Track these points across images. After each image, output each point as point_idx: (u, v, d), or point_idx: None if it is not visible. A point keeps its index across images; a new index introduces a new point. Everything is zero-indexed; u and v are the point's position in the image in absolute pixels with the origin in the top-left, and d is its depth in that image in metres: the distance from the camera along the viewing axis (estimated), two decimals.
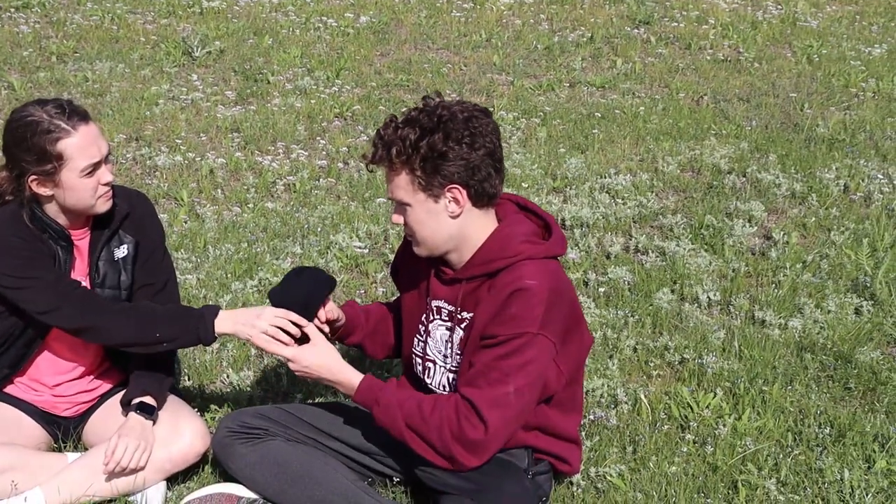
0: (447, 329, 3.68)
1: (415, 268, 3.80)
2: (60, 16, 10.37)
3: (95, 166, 3.78)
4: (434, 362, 3.76)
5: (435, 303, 3.70)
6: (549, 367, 3.46)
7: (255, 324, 3.77)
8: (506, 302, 3.43)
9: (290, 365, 3.68)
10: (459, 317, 3.62)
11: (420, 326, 3.80)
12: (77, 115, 3.78)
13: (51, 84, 8.56)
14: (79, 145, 3.75)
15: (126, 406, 3.97)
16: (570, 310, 3.55)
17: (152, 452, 3.89)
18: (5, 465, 3.84)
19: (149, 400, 3.95)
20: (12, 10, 10.50)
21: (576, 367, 3.65)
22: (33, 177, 3.78)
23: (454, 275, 3.61)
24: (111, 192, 3.90)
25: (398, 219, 3.57)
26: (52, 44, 9.52)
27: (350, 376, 3.65)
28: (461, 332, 3.61)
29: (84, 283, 4.00)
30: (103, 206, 3.88)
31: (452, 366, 3.68)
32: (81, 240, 4.01)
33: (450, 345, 3.68)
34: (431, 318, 3.73)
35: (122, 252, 4.05)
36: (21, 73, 8.84)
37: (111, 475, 3.85)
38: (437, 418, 3.42)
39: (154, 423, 3.94)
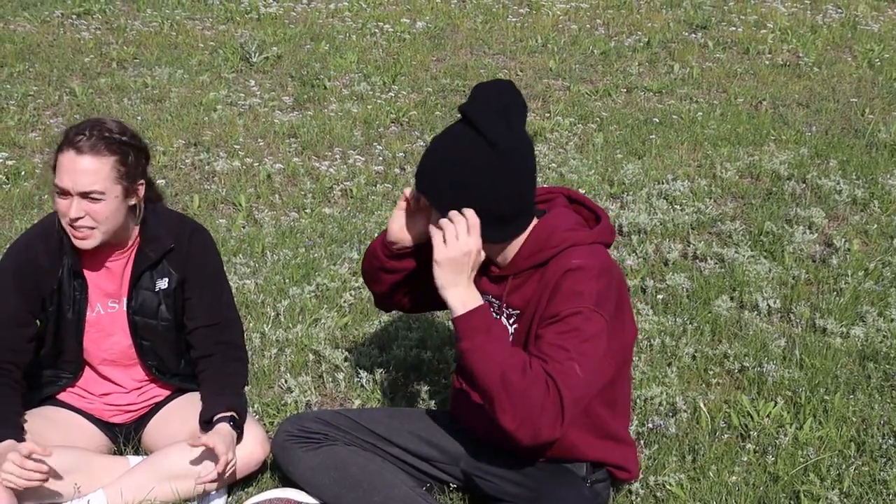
0: None
1: None
2: (121, 22, 10.46)
3: (62, 192, 3.77)
4: None
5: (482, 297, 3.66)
6: (606, 347, 3.39)
7: None
8: (559, 282, 3.39)
9: (447, 236, 3.39)
10: (507, 311, 3.60)
11: None
12: (84, 143, 3.73)
13: (111, 90, 8.64)
14: (60, 163, 3.75)
15: (207, 423, 3.98)
16: (619, 295, 3.49)
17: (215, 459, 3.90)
18: (68, 468, 3.87)
19: (233, 415, 3.97)
20: (74, 16, 10.61)
21: (622, 355, 3.58)
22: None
23: (500, 272, 3.59)
24: (81, 232, 3.82)
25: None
26: (113, 50, 9.62)
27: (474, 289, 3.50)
28: (507, 326, 3.60)
29: (119, 307, 4.06)
30: (74, 239, 3.85)
31: None
32: (114, 262, 4.03)
33: None
34: None
35: (163, 284, 4.06)
36: (82, 79, 8.93)
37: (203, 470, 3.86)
38: (538, 382, 3.24)
39: (239, 441, 3.96)
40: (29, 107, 8.29)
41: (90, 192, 3.75)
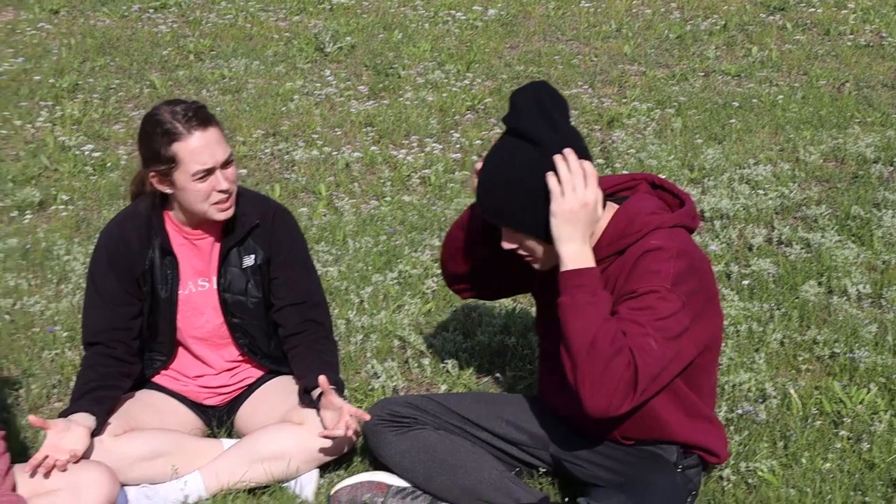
0: None
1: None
2: (196, 15, 10.55)
3: (208, 172, 3.84)
4: None
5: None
6: (684, 327, 3.37)
7: None
8: (637, 262, 3.39)
9: (564, 187, 3.34)
10: None
11: (545, 307, 3.76)
12: (197, 119, 3.84)
13: (189, 82, 8.73)
14: (191, 150, 3.82)
15: (305, 393, 4.04)
16: (702, 279, 3.47)
17: (307, 442, 3.95)
18: (165, 450, 3.96)
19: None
20: (151, 10, 10.72)
21: (708, 339, 3.55)
22: (153, 173, 3.89)
23: None
24: (230, 200, 3.94)
25: (510, 245, 3.55)
26: (190, 42, 9.70)
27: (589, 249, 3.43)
28: None
29: (209, 285, 4.13)
30: (218, 213, 3.94)
31: None
32: (201, 239, 4.08)
33: None
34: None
35: (249, 261, 4.13)
36: (161, 71, 9.03)
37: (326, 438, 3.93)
38: (622, 354, 3.23)
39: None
40: (111, 99, 8.41)
41: (226, 158, 3.89)
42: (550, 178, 3.35)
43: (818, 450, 4.10)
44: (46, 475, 3.67)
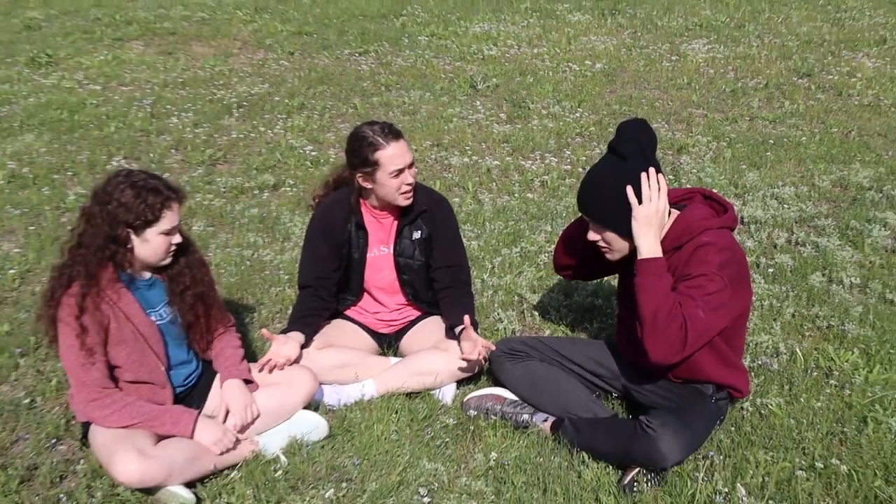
0: None
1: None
2: (388, 59, 10.65)
3: (400, 171, 3.90)
4: None
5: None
6: (724, 302, 3.36)
7: None
8: (693, 254, 3.38)
9: (645, 197, 3.34)
10: None
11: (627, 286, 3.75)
12: (392, 133, 3.90)
13: (381, 105, 8.82)
14: (389, 156, 3.87)
15: (450, 329, 4.10)
16: (740, 267, 3.44)
17: (449, 364, 4.01)
18: (350, 361, 4.05)
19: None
20: (357, 54, 10.85)
21: (740, 310, 3.51)
22: (360, 174, 3.95)
23: None
24: (412, 190, 4.00)
25: (595, 237, 3.56)
26: (382, 78, 9.80)
27: (659, 243, 3.39)
28: None
29: (388, 251, 4.17)
30: (404, 201, 4.00)
31: None
32: (385, 219, 4.14)
33: None
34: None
35: (417, 235, 4.17)
36: (361, 97, 9.14)
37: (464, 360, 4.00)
38: (676, 320, 3.25)
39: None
40: (325, 115, 8.53)
41: (411, 161, 3.95)
42: (633, 189, 3.36)
43: (813, 393, 4.08)
44: (270, 372, 3.81)
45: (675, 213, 3.53)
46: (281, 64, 10.42)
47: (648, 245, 3.36)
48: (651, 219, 3.35)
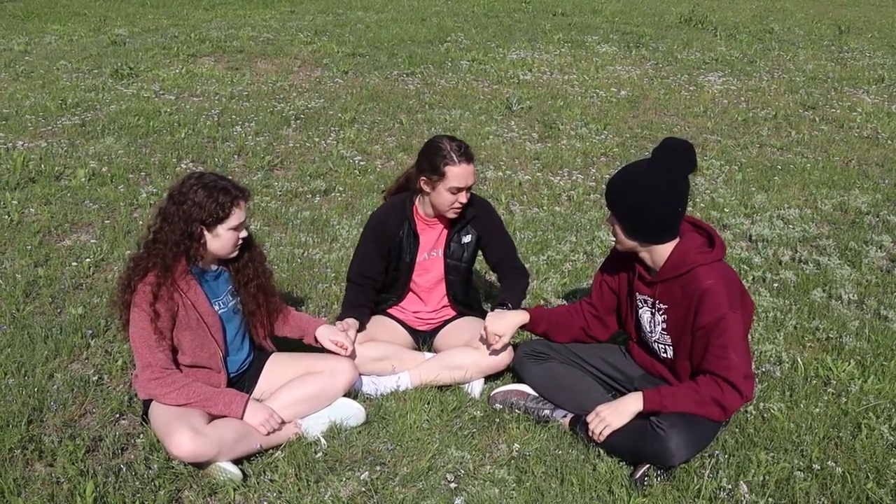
0: (650, 314, 3.57)
1: (620, 273, 3.70)
2: (432, 80, 10.63)
3: (459, 189, 3.84)
4: (645, 333, 3.66)
5: (639, 297, 3.59)
6: (742, 327, 3.29)
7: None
8: (700, 301, 3.30)
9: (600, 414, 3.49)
10: (658, 306, 3.50)
11: (631, 312, 3.69)
12: (465, 155, 3.84)
13: (424, 122, 8.78)
14: (457, 174, 3.82)
15: (501, 305, 4.05)
16: (737, 286, 3.37)
17: (479, 360, 3.95)
18: (387, 355, 3.99)
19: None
20: (405, 75, 10.83)
21: (748, 321, 3.43)
22: (423, 178, 3.90)
23: (651, 279, 3.49)
24: (462, 208, 3.94)
25: (608, 225, 3.51)
26: (426, 97, 9.78)
27: (637, 398, 3.46)
28: (660, 316, 3.50)
29: (438, 254, 4.12)
30: (452, 214, 3.96)
31: (655, 337, 3.57)
32: (436, 226, 4.09)
33: (652, 323, 3.56)
34: (639, 306, 3.62)
35: (466, 238, 4.12)
36: (407, 114, 9.10)
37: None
38: (706, 393, 3.31)
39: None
40: (374, 129, 8.51)
41: (471, 185, 3.89)
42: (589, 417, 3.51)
43: (812, 399, 3.97)
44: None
45: (675, 242, 3.42)
46: (336, 82, 10.42)
47: (635, 409, 3.42)
48: (618, 413, 3.44)
